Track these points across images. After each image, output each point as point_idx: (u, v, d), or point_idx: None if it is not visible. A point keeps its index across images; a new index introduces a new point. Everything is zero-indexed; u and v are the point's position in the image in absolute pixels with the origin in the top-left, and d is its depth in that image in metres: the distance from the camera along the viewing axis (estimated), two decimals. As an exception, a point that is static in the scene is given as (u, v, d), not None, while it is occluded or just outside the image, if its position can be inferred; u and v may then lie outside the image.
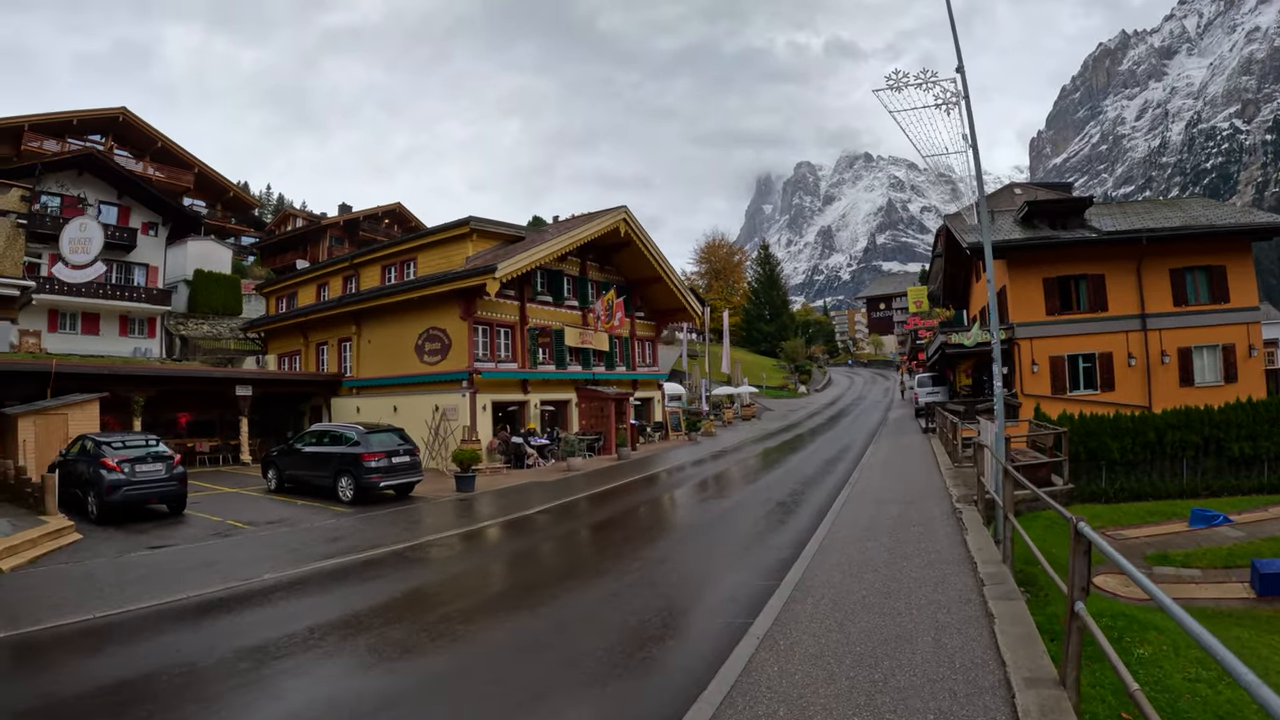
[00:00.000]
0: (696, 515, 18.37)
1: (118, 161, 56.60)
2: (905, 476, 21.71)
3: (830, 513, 15.82)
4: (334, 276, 38.97)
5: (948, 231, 41.20)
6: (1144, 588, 4.47)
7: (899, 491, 18.66)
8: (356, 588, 11.77)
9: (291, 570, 12.82)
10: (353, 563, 13.42)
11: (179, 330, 50.16)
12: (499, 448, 30.01)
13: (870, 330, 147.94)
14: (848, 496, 18.14)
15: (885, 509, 15.94)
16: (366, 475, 20.72)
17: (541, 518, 18.58)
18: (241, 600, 11.12)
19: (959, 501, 16.42)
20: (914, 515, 14.98)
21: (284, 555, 14.14)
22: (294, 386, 37.36)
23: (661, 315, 44.37)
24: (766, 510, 17.37)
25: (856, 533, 13.55)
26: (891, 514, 15.27)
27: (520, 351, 32.71)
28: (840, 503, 17.17)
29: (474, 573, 13.15)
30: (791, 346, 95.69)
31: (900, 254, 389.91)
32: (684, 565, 12.52)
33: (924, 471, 22.56)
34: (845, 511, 15.90)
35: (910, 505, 16.28)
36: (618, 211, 35.69)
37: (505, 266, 28.50)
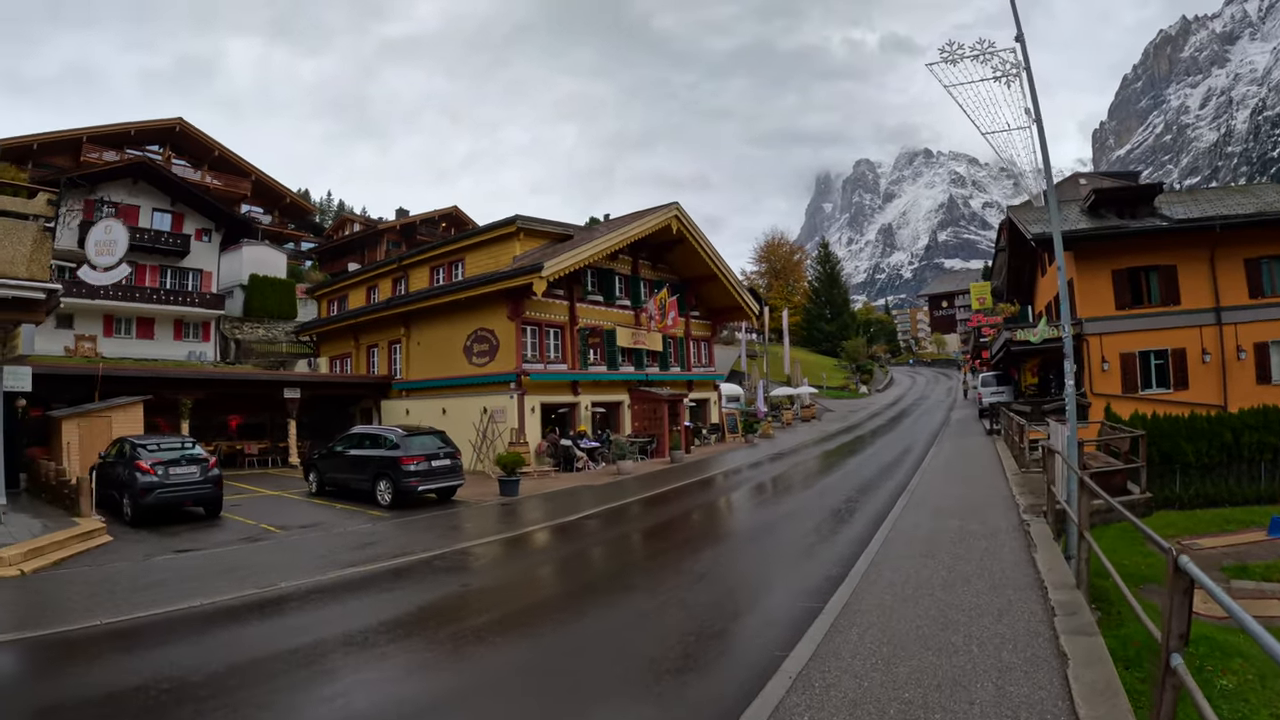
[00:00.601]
0: (744, 524, 17.55)
1: (170, 170, 57.29)
2: (968, 482, 20.41)
3: (886, 524, 14.61)
4: (383, 279, 38.63)
5: (1011, 223, 39.58)
6: (1240, 621, 3.61)
7: (961, 500, 17.36)
8: (373, 599, 11.21)
9: (311, 578, 12.24)
10: (377, 571, 12.82)
11: (234, 334, 50.44)
12: (547, 450, 29.28)
13: (932, 329, 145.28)
14: (905, 505, 16.89)
15: (945, 520, 14.66)
16: (405, 479, 20.16)
17: (580, 525, 17.81)
18: (252, 609, 10.62)
19: (1026, 512, 15.11)
20: (977, 528, 13.68)
21: (309, 562, 13.66)
22: (343, 389, 37.10)
23: (717, 314, 43.37)
24: (819, 520, 16.24)
25: (913, 548, 12.33)
26: (952, 526, 13.98)
27: (570, 352, 31.99)
28: (897, 512, 15.92)
29: (495, 587, 12.23)
30: (852, 346, 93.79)
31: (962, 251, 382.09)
32: (723, 582, 11.55)
33: (988, 477, 21.26)
34: (902, 522, 14.69)
35: (973, 516, 14.97)
36: (669, 208, 34.74)
37: (552, 265, 27.75)
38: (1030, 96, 13.64)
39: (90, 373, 27.43)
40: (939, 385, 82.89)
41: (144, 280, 46.37)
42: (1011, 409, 32.38)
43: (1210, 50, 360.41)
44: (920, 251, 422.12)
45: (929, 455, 27.68)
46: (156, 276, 47.12)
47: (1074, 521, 10.44)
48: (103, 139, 59.28)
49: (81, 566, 13.48)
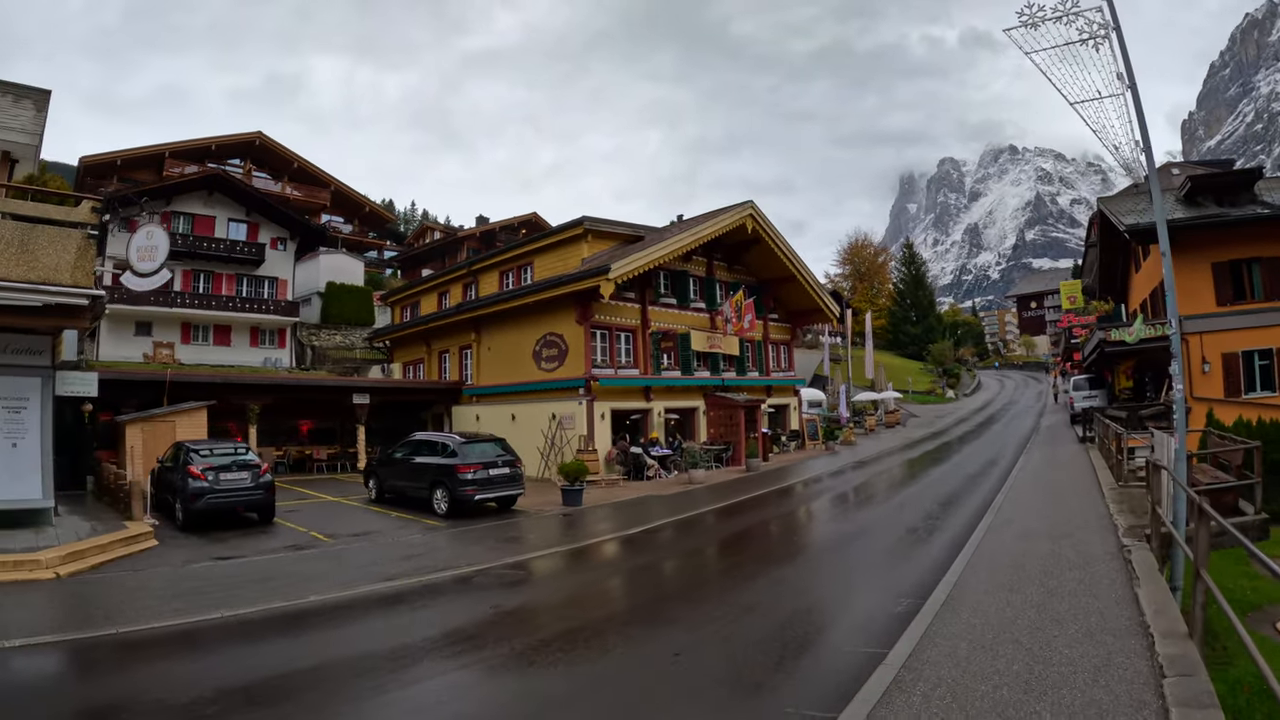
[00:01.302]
0: (811, 543, 16.25)
1: (251, 182, 58.09)
2: (1059, 498, 18.55)
3: (967, 547, 13.01)
4: (454, 284, 38.16)
5: (1102, 216, 37.26)
6: None
7: (1052, 518, 15.55)
8: (398, 618, 10.45)
9: (343, 592, 11.62)
10: (412, 587, 12.04)
11: (311, 340, 50.75)
12: (617, 458, 28.23)
13: (1021, 330, 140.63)
14: (990, 524, 15.18)
15: (1034, 544, 12.94)
16: (461, 488, 19.42)
17: (635, 540, 16.77)
18: (271, 625, 10.12)
19: (1126, 535, 13.24)
20: (1069, 554, 12.01)
21: (347, 574, 13.00)
22: (412, 395, 36.73)
23: (796, 317, 41.74)
24: (893, 540, 14.76)
25: (996, 578, 10.70)
26: (1041, 551, 12.32)
27: (642, 357, 30.91)
28: (980, 533, 14.25)
29: (533, 609, 11.13)
30: (938, 349, 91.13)
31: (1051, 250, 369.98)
32: (772, 616, 9.96)
33: (1082, 491, 19.30)
34: (985, 546, 13.05)
35: (1065, 539, 13.26)
36: (743, 207, 33.44)
37: (619, 267, 26.72)
38: (1122, 59, 12.18)
39: (159, 378, 27.97)
40: (1028, 389, 79.66)
41: (220, 289, 47.04)
42: (1106, 415, 30.11)
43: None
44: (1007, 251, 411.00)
45: (1017, 466, 25.76)
46: (233, 285, 47.62)
47: (1182, 549, 8.97)
48: (184, 153, 60.69)
49: (119, 571, 13.24)
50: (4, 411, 15.36)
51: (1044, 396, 69.66)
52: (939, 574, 11.21)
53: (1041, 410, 57.19)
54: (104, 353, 42.45)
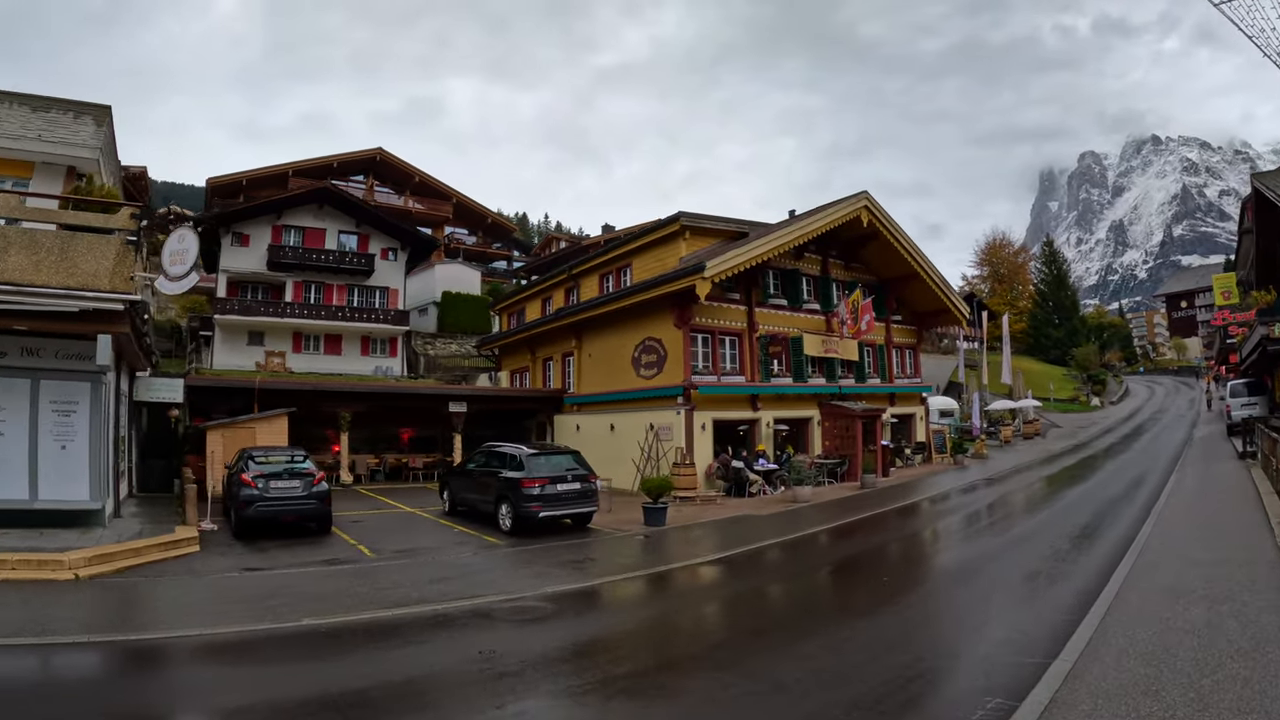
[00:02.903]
0: (894, 594, 12.17)
1: (350, 194, 58.58)
2: (1218, 536, 14.27)
3: (1094, 610, 9.46)
4: (556, 290, 36.35)
5: (1257, 195, 32.69)
6: None
7: (1208, 568, 11.57)
8: (360, 662, 8.76)
9: (339, 618, 10.42)
10: (419, 617, 10.65)
11: (425, 349, 50.19)
12: (717, 472, 25.76)
13: (1171, 332, 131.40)
14: (1129, 573, 11.49)
15: (1185, 611, 9.23)
16: (525, 503, 17.84)
17: (709, 570, 14.58)
18: (225, 650, 9.36)
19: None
20: (1234, 630, 8.37)
21: (361, 596, 11.82)
22: (512, 403, 35.16)
23: (922, 318, 38.17)
24: (1003, 591, 11.61)
25: (1127, 673, 7.27)
26: (1195, 620, 8.81)
27: (749, 363, 28.30)
28: (1113, 591, 10.42)
29: (539, 657, 8.86)
30: (1083, 354, 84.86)
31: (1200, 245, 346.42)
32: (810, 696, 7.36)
33: (1246, 527, 14.95)
34: (1119, 610, 9.42)
35: (1227, 603, 9.45)
36: (857, 198, 30.42)
37: (715, 265, 24.28)
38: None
39: (249, 385, 28.06)
40: (1179, 396, 73.47)
41: (331, 299, 46.96)
42: (1270, 425, 25.56)
43: None
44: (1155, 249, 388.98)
45: (1166, 489, 21.51)
46: (343, 295, 47.43)
47: None
48: (307, 172, 61.55)
49: (140, 577, 12.94)
50: (54, 415, 15.31)
51: (1196, 404, 64.04)
52: (1052, 651, 8.14)
53: (1194, 420, 51.89)
54: (218, 361, 42.88)
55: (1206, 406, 59.80)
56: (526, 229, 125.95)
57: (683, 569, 14.52)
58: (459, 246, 69.12)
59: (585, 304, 31.42)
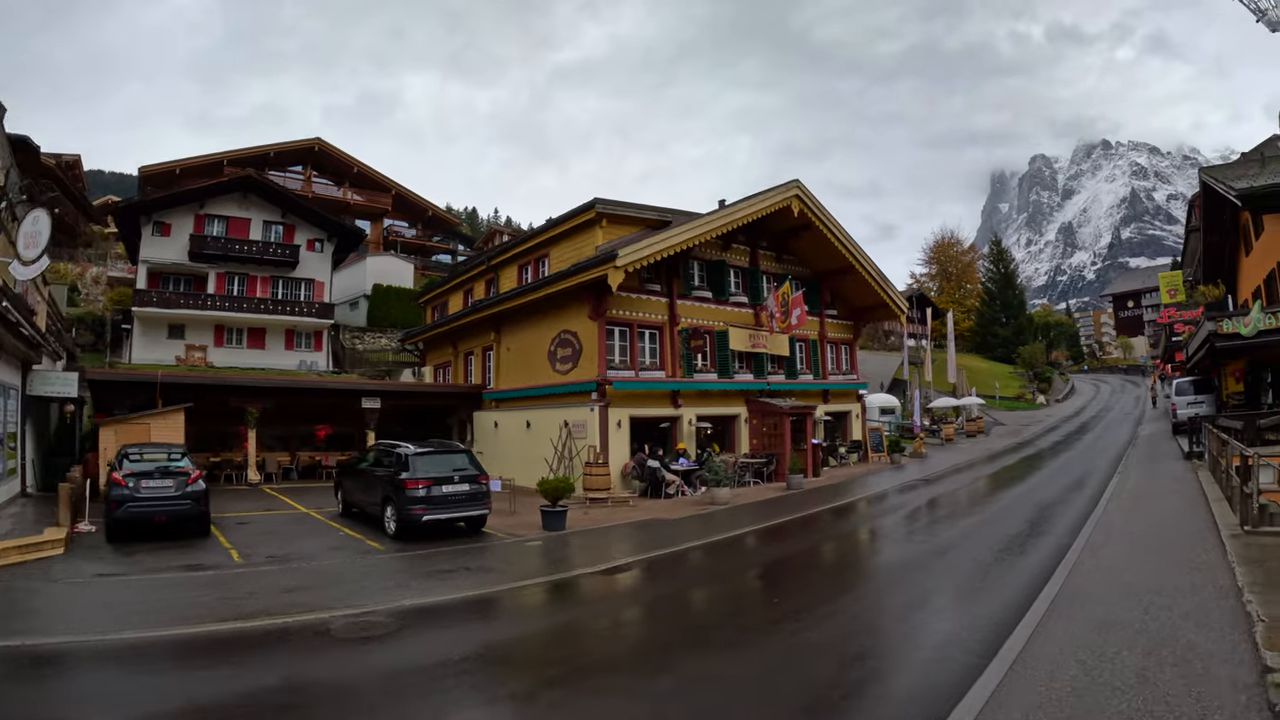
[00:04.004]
0: (774, 621, 9.94)
1: (312, 189, 55.88)
2: (1161, 552, 12.36)
3: (999, 661, 7.46)
4: (477, 281, 34.42)
5: (1205, 190, 31.58)
6: None
7: (1149, 594, 9.71)
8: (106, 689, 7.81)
9: (116, 635, 9.23)
10: (219, 636, 9.46)
11: (354, 344, 48.13)
12: (633, 472, 24.05)
13: (1118, 332, 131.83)
14: (1052, 603, 9.59)
15: (1118, 653, 7.47)
16: (408, 506, 16.33)
17: (589, 584, 12.87)
18: None
19: (1269, 638, 7.42)
20: (1174, 684, 6.61)
21: (184, 609, 10.64)
22: (429, 400, 33.24)
23: (859, 313, 36.64)
24: (896, 630, 9.46)
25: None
26: (1127, 670, 7.00)
27: (670, 357, 26.60)
28: (1032, 624, 8.66)
29: (354, 690, 7.40)
30: (1029, 352, 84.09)
31: (1148, 248, 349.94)
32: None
33: (1192, 539, 13.10)
34: (1035, 655, 7.58)
35: (1168, 645, 7.68)
36: (788, 187, 28.76)
37: (629, 254, 22.58)
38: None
39: (151, 379, 26.12)
40: (1125, 394, 72.63)
41: (254, 291, 44.88)
42: (1217, 426, 24.08)
43: None
44: (1103, 250, 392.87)
45: (1107, 493, 19.90)
46: (267, 287, 45.22)
47: None
48: (242, 161, 59.34)
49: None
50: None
51: (1142, 402, 63.37)
52: (952, 699, 6.56)
53: (1140, 418, 50.97)
54: (138, 355, 40.86)
55: (1152, 404, 59.41)
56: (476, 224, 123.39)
57: (561, 582, 12.93)
58: (397, 239, 67.01)
59: (502, 296, 29.51)
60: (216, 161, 59.50)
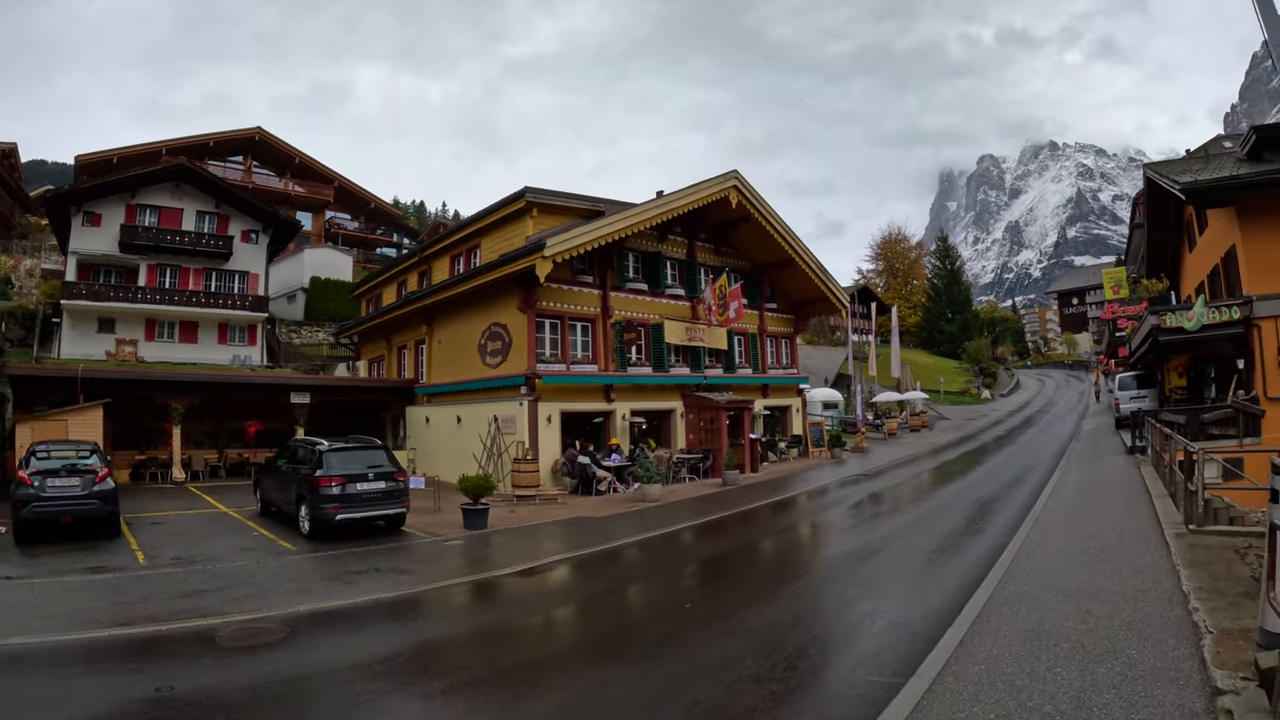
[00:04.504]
0: (688, 627, 9.23)
1: (251, 180, 54.17)
2: (1102, 553, 11.54)
3: (919, 678, 6.74)
4: (410, 273, 33.45)
5: (1150, 186, 31.48)
6: None
7: (1088, 600, 9.01)
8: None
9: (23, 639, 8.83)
10: (123, 640, 8.94)
11: (291, 338, 46.71)
12: (563, 469, 23.27)
13: (1062, 328, 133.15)
14: (983, 609, 8.83)
15: (1051, 669, 6.74)
16: (321, 505, 15.63)
17: (502, 587, 12.21)
18: None
19: (1219, 657, 6.64)
20: (1111, 704, 5.94)
21: (87, 614, 10.04)
22: (361, 394, 32.30)
23: (799, 307, 36.05)
24: (823, 635, 8.75)
25: None
26: (1060, 691, 6.25)
27: (603, 351, 25.84)
28: (959, 635, 7.89)
29: (224, 704, 6.67)
30: (975, 347, 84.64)
31: (1093, 247, 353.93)
32: None
33: (1135, 541, 12.26)
34: (958, 671, 6.82)
35: (1108, 660, 6.95)
36: (726, 178, 28.10)
37: (557, 244, 21.81)
38: None
39: (70, 374, 25.02)
40: (1069, 389, 72.84)
41: (187, 283, 43.12)
42: (1160, 420, 23.85)
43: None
44: (1049, 249, 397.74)
45: (1048, 489, 19.29)
46: (200, 279, 43.49)
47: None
48: (182, 150, 57.22)
49: None
50: None
51: (1085, 397, 63.28)
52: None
53: (1083, 412, 50.98)
54: (67, 350, 39.08)
55: (1095, 398, 59.57)
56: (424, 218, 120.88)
57: (473, 584, 12.32)
58: (339, 232, 65.42)
59: (434, 288, 28.56)
60: (155, 150, 57.45)
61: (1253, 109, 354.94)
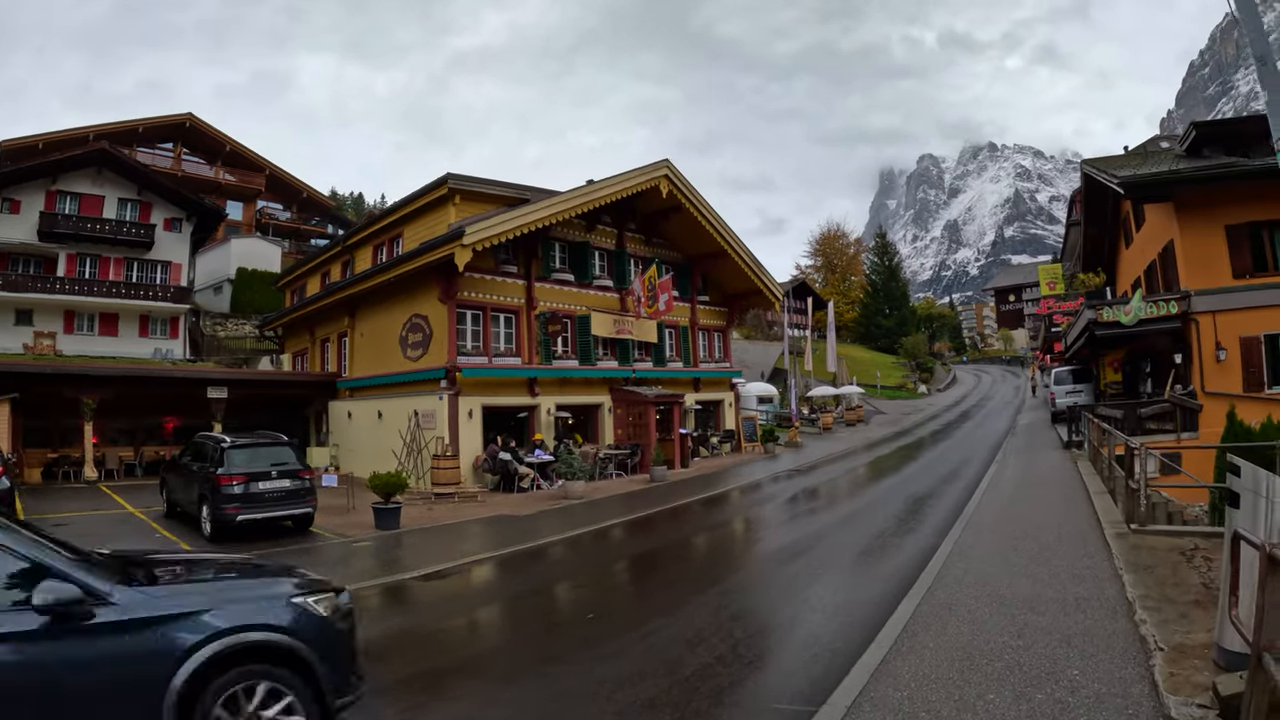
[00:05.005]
0: (585, 640, 8.40)
1: (181, 167, 52.42)
2: (1039, 556, 10.61)
3: (828, 712, 5.74)
4: (334, 263, 32.13)
5: (1087, 182, 31.41)
6: None
7: (1024, 610, 8.10)
8: None
9: None
10: None
11: (216, 330, 44.96)
12: (484, 465, 22.37)
13: (999, 324, 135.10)
14: (909, 621, 7.95)
15: (983, 695, 5.85)
16: (221, 504, 14.67)
17: (394, 594, 11.35)
18: None
19: (1171, 681, 5.77)
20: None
21: None
22: (281, 389, 30.93)
23: (732, 299, 35.33)
24: (726, 666, 7.58)
25: None
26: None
27: (527, 343, 24.95)
28: (879, 655, 6.95)
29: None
30: (911, 342, 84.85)
31: (1030, 246, 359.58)
32: None
33: (1074, 542, 11.38)
34: (878, 697, 5.95)
35: (1049, 681, 6.07)
36: (657, 166, 27.38)
37: (477, 232, 20.88)
38: None
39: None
40: (1005, 384, 73.62)
41: (108, 274, 41.13)
42: (1097, 414, 23.18)
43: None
44: (987, 248, 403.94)
45: (983, 485, 18.55)
46: (121, 270, 41.54)
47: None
48: (110, 136, 54.67)
49: None
50: None
51: (1021, 391, 64.07)
52: None
53: (1019, 406, 51.42)
54: None
55: (1031, 393, 60.19)
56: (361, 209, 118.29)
57: (373, 589, 11.37)
58: (270, 222, 63.41)
59: (355, 278, 27.43)
60: (83, 136, 54.95)
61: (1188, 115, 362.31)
